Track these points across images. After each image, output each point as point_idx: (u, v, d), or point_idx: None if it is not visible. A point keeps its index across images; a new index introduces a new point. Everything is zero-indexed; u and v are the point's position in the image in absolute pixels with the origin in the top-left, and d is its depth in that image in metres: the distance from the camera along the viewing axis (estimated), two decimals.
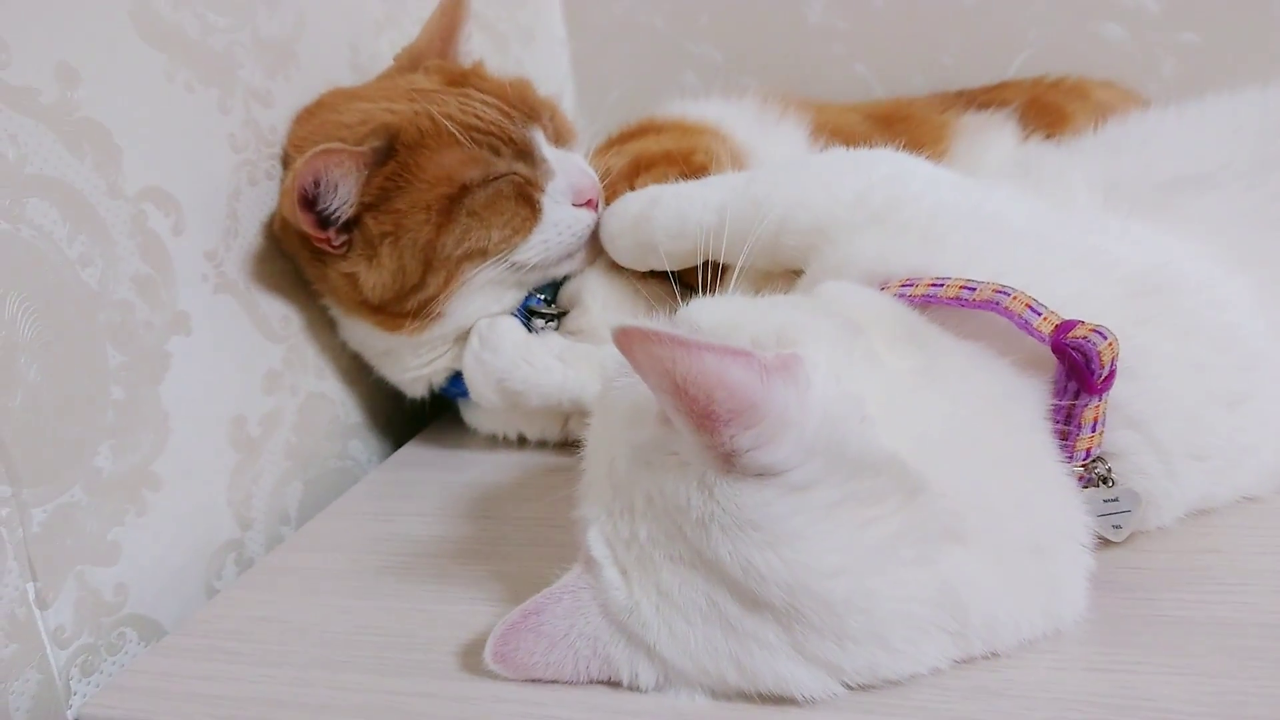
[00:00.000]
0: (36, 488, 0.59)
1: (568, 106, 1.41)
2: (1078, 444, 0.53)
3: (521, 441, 0.89)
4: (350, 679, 0.55)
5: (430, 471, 0.86)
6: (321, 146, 0.73)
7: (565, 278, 0.86)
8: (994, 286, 0.53)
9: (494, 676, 0.52)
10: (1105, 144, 0.78)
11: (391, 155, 0.77)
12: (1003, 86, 1.12)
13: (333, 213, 0.76)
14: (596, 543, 0.51)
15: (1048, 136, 1.00)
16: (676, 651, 0.48)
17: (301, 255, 0.82)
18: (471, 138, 0.78)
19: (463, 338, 0.84)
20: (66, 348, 0.62)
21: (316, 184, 0.74)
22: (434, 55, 0.87)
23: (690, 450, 0.46)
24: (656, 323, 0.44)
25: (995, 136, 1.02)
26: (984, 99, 1.08)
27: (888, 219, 0.62)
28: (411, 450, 0.92)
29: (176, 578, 0.70)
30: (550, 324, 0.85)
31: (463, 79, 0.84)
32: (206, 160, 0.75)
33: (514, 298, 0.84)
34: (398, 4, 1.02)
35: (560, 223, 0.80)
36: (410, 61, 0.87)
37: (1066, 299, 0.53)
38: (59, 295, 0.61)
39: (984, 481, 0.48)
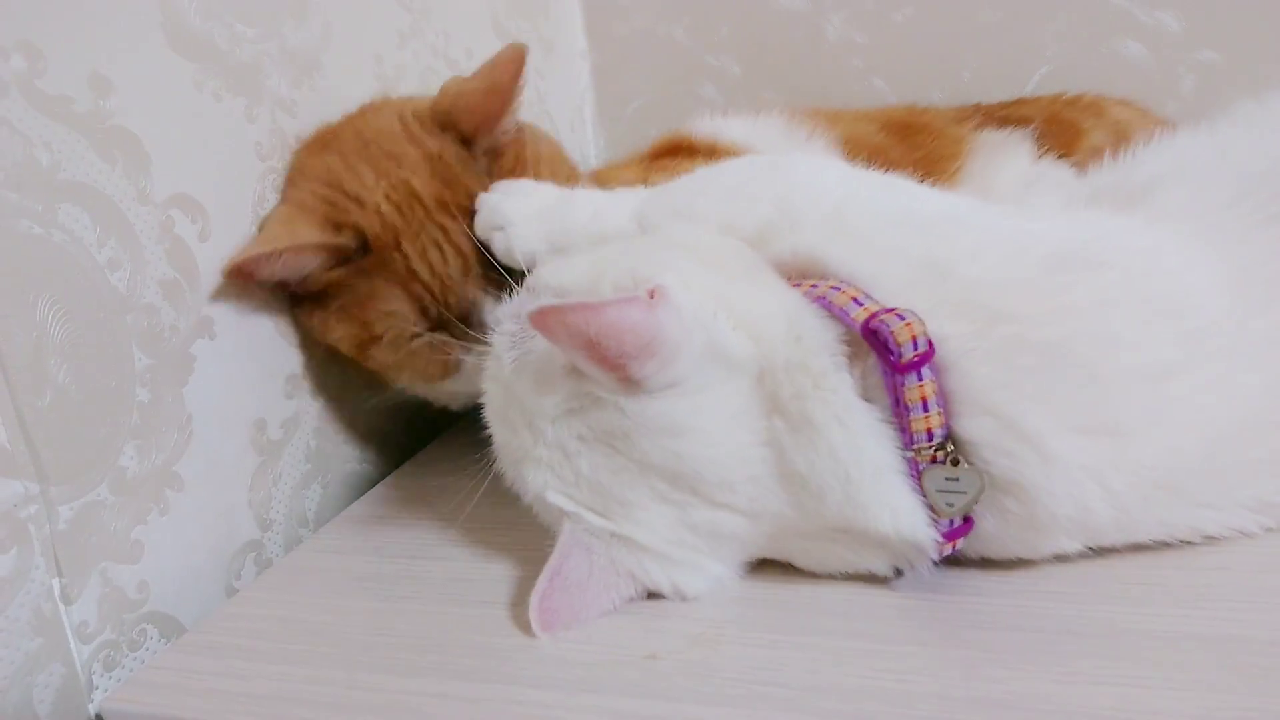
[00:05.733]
0: (63, 486, 0.61)
1: (587, 118, 1.43)
2: (913, 426, 0.54)
3: None
4: (366, 679, 0.56)
5: (447, 476, 0.86)
6: (260, 250, 0.72)
7: None
8: (831, 283, 0.58)
9: (509, 681, 0.53)
10: (1114, 163, 0.78)
11: (355, 259, 0.76)
12: (1020, 103, 1.13)
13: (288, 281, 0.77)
14: (560, 499, 0.59)
15: (1062, 155, 1.00)
16: (654, 539, 0.57)
17: None
18: (410, 285, 0.75)
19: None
20: (94, 350, 0.63)
21: (253, 274, 0.74)
22: (472, 121, 0.78)
23: (604, 386, 0.56)
24: (559, 300, 0.54)
25: (1011, 154, 1.03)
26: (1002, 115, 1.09)
27: (802, 221, 0.63)
28: (429, 455, 0.93)
29: (197, 576, 0.71)
30: None
31: (455, 201, 0.76)
32: (233, 168, 0.77)
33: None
34: (422, 16, 1.04)
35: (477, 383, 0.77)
36: (445, 114, 0.79)
37: (971, 280, 0.56)
38: (88, 298, 0.63)
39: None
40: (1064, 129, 1.03)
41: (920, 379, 0.53)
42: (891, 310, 0.54)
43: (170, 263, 0.69)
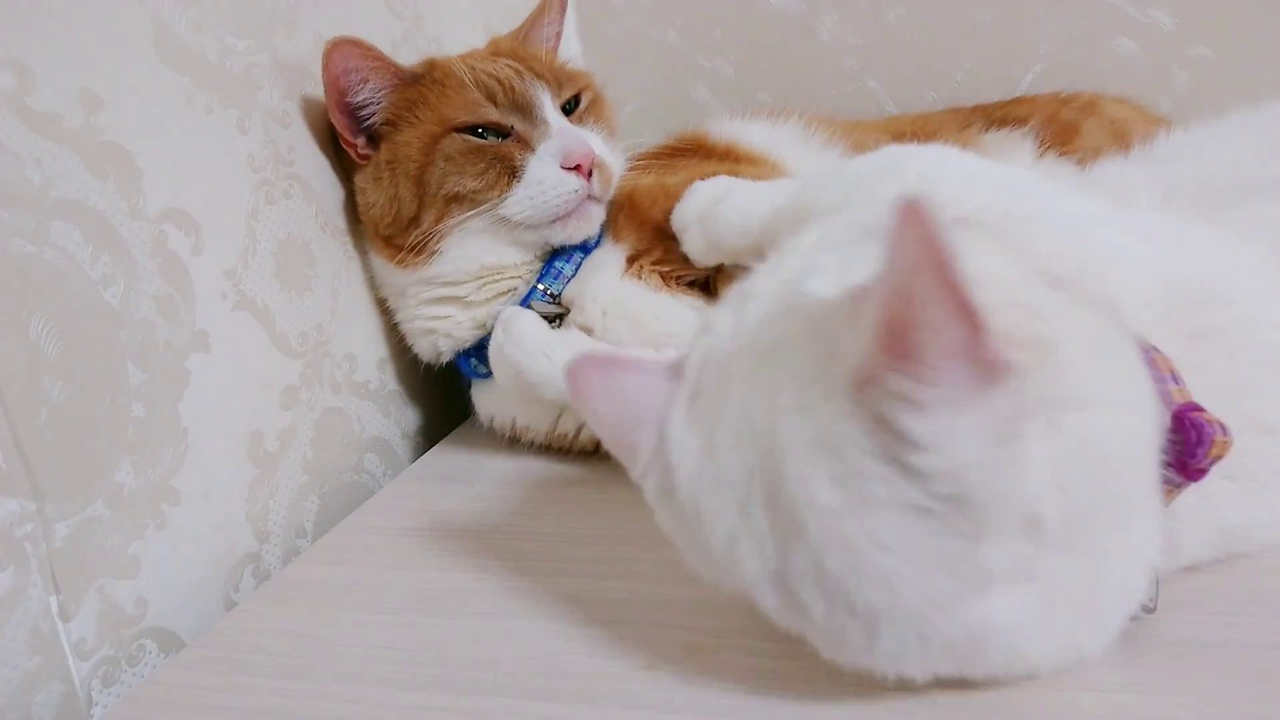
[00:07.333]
0: (60, 503, 0.60)
1: None
2: None
3: (513, 442, 0.92)
4: (366, 692, 0.55)
5: (445, 486, 0.87)
6: (348, 36, 0.82)
7: (574, 276, 0.87)
8: (1144, 343, 0.50)
9: (509, 693, 0.53)
10: (1162, 152, 0.77)
11: (419, 82, 0.86)
12: (1018, 102, 1.13)
13: (363, 110, 0.85)
14: (693, 359, 0.49)
15: (1061, 153, 1.01)
16: (690, 495, 0.46)
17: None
18: (476, 83, 0.85)
19: (469, 305, 0.88)
20: (89, 366, 0.63)
21: (347, 73, 0.83)
22: (510, 41, 0.96)
23: (849, 342, 0.40)
24: (948, 231, 0.35)
25: (1012, 154, 1.03)
26: (1000, 115, 1.09)
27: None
28: (426, 464, 0.93)
29: (195, 590, 0.71)
30: (553, 323, 0.87)
31: (509, 51, 0.92)
32: (225, 180, 0.77)
33: (515, 255, 0.87)
34: (414, 24, 1.04)
35: (544, 181, 0.83)
36: (493, 47, 0.96)
37: (1131, 307, 0.52)
38: (82, 315, 0.63)
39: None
40: (1062, 128, 1.04)
41: (1182, 487, 0.50)
42: (1215, 418, 0.48)
43: (164, 278, 0.69)
